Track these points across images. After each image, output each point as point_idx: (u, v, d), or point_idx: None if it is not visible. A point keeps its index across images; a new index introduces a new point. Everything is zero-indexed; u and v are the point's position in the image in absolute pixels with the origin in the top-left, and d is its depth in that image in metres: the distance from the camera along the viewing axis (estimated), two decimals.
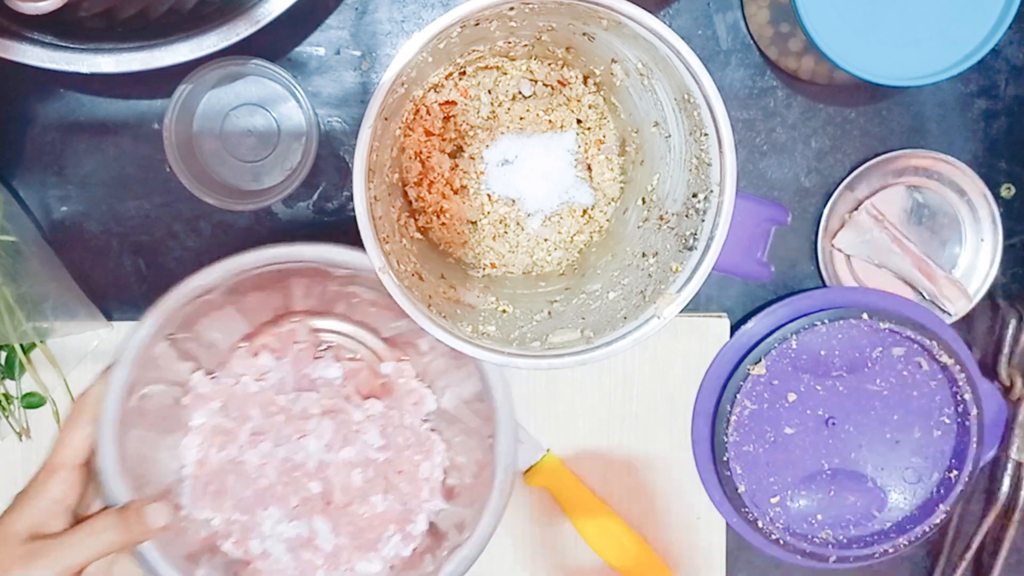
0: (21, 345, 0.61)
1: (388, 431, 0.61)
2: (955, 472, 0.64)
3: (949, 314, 0.65)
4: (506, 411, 0.56)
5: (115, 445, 0.53)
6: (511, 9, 0.51)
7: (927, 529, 0.64)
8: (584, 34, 0.55)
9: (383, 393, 0.62)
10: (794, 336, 0.61)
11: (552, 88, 0.61)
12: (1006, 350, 0.65)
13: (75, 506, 0.52)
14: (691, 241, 0.55)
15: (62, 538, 0.50)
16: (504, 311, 0.57)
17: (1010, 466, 0.65)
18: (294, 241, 0.53)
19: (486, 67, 0.60)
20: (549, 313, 0.58)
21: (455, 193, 0.59)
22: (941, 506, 0.64)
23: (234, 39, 0.53)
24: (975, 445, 0.63)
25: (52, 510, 0.51)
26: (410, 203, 0.60)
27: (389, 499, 0.60)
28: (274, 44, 0.61)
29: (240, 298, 0.57)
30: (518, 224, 0.61)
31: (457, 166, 0.60)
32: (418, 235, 0.59)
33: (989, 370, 0.66)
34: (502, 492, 0.56)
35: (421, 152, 0.59)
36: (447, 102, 0.59)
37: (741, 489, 0.62)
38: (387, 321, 0.61)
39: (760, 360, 0.61)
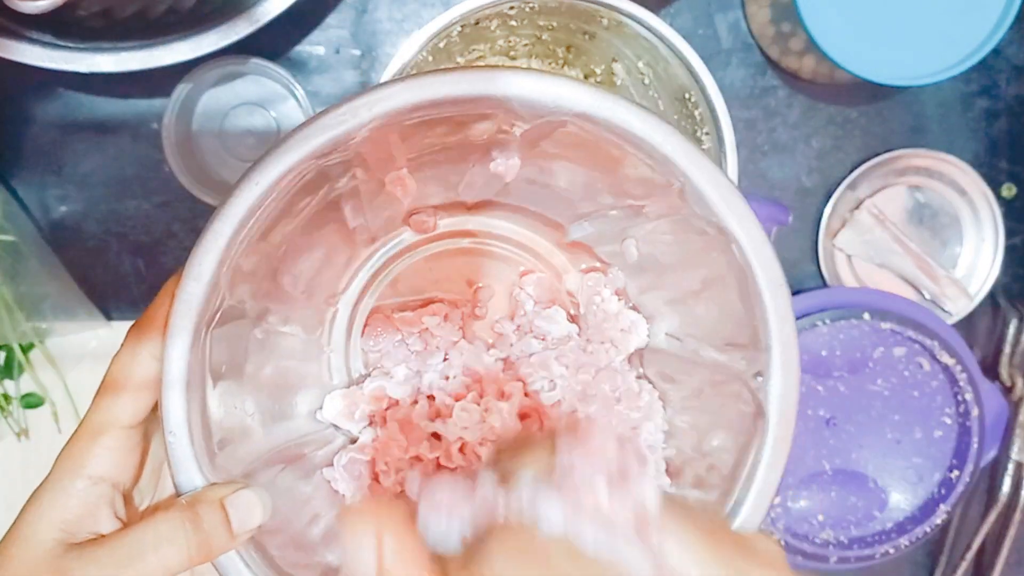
0: (20, 345, 0.61)
1: (587, 372, 0.44)
2: (956, 472, 0.64)
3: (950, 314, 0.65)
4: (788, 335, 0.36)
5: (191, 393, 0.34)
6: (511, 8, 0.51)
7: (928, 529, 0.64)
8: (585, 33, 0.55)
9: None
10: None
11: None
12: (1007, 350, 0.65)
13: (129, 490, 0.35)
14: None
15: (110, 547, 0.32)
16: None
17: (1011, 466, 0.65)
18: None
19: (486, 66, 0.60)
20: None
21: None
22: (942, 506, 0.64)
23: (233, 38, 0.53)
24: (976, 445, 0.63)
25: (92, 500, 0.33)
26: None
27: None
28: (273, 43, 0.60)
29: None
30: None
31: None
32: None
33: (990, 370, 0.66)
34: (776, 463, 0.37)
35: None
36: None
37: None
38: (579, 205, 0.43)
39: None
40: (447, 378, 0.46)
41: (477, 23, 0.52)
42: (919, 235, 0.65)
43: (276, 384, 0.42)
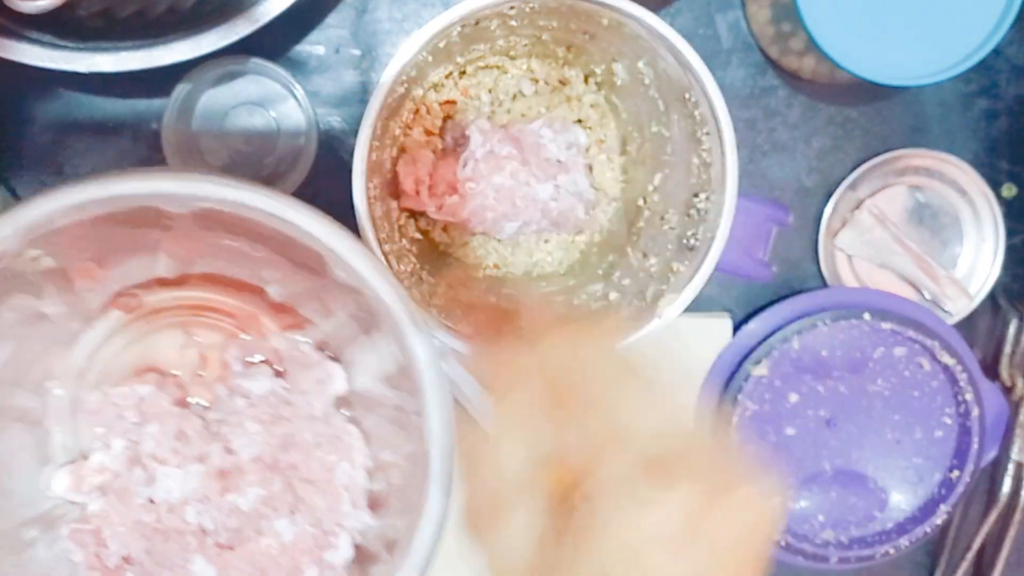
0: None
1: (287, 424, 0.49)
2: (956, 472, 0.63)
3: (950, 314, 0.65)
4: (435, 379, 0.42)
5: None
6: (511, 8, 0.51)
7: (928, 529, 0.64)
8: (585, 33, 0.55)
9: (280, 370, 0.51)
10: (795, 336, 0.61)
11: (553, 87, 0.61)
12: (1007, 350, 0.65)
13: None
14: (692, 241, 0.54)
15: None
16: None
17: (1011, 466, 0.65)
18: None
19: (486, 66, 0.60)
20: None
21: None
22: (942, 506, 0.64)
23: (233, 38, 0.52)
24: (976, 445, 0.63)
25: None
26: None
27: (298, 521, 0.48)
28: (273, 43, 0.60)
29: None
30: None
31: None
32: (418, 235, 0.59)
33: (990, 370, 0.66)
34: (441, 489, 0.41)
35: (422, 152, 0.59)
36: (447, 101, 0.59)
37: None
38: (279, 278, 0.49)
39: (761, 361, 0.61)
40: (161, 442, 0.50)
41: (477, 23, 0.52)
42: (919, 235, 0.65)
43: None
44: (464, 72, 0.59)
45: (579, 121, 0.60)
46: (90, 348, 0.51)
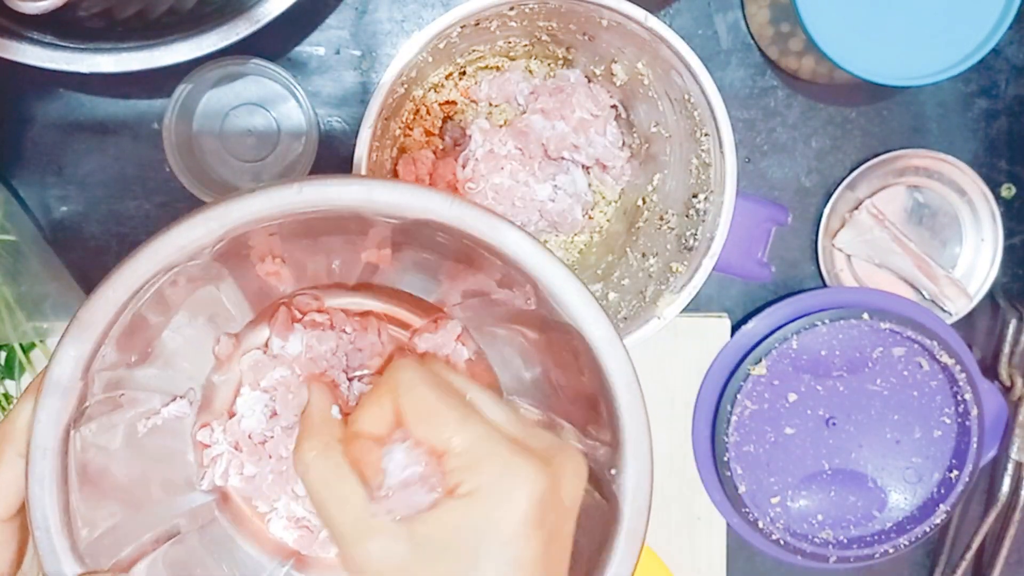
0: (21, 345, 0.61)
1: None
2: (955, 472, 0.64)
3: (949, 314, 0.65)
4: (639, 433, 0.40)
5: (56, 487, 0.36)
6: (511, 9, 0.51)
7: (927, 529, 0.64)
8: (584, 34, 0.55)
9: None
10: (795, 336, 0.61)
11: None
12: (1006, 350, 0.65)
13: None
14: (691, 241, 0.55)
15: None
16: None
17: (1010, 466, 0.65)
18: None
19: (486, 67, 0.60)
20: None
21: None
22: (941, 506, 0.64)
23: (234, 39, 0.53)
24: (975, 445, 0.63)
25: None
26: None
27: None
28: (274, 44, 0.60)
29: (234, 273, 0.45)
30: None
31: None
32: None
33: (989, 370, 0.66)
34: (629, 554, 0.39)
35: (422, 152, 0.59)
36: (447, 102, 0.59)
37: (741, 489, 0.62)
38: (434, 277, 0.48)
39: (760, 360, 0.61)
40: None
41: (477, 24, 0.52)
42: (918, 235, 0.65)
43: (140, 476, 0.45)
44: (464, 73, 0.59)
45: None
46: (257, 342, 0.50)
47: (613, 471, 0.40)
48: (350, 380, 0.49)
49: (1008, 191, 0.66)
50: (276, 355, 0.49)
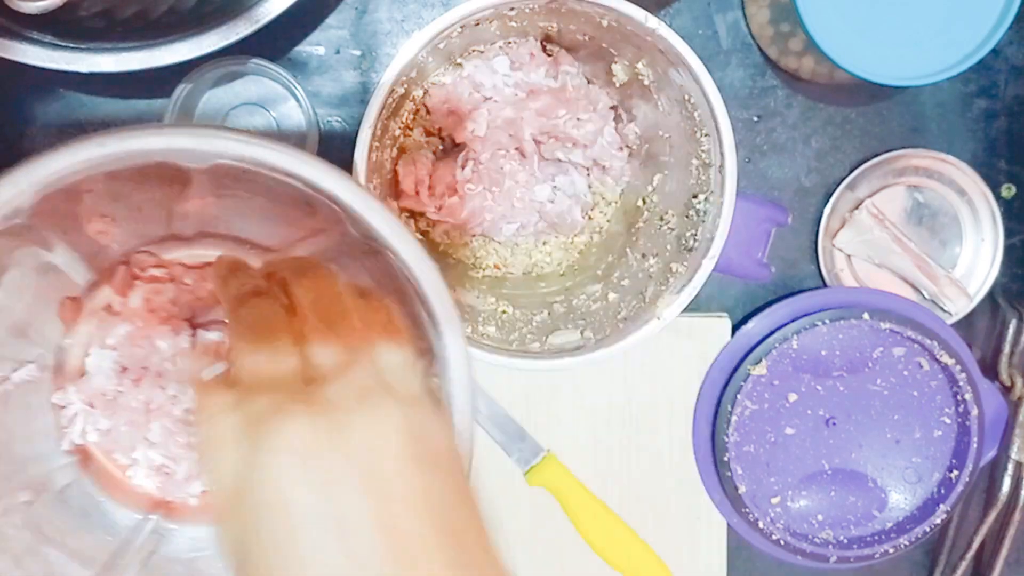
0: None
1: None
2: (955, 472, 0.64)
3: (949, 314, 0.65)
4: (457, 337, 0.42)
5: None
6: (511, 9, 0.51)
7: (927, 529, 0.64)
8: (584, 34, 0.55)
9: None
10: (795, 336, 0.61)
11: None
12: (1006, 350, 0.65)
13: None
14: (691, 242, 0.55)
15: None
16: (504, 312, 0.57)
17: (1010, 466, 0.65)
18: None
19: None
20: (549, 314, 0.58)
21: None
22: (941, 506, 0.64)
23: (233, 38, 0.53)
24: (975, 445, 0.63)
25: None
26: None
27: None
28: (274, 44, 0.60)
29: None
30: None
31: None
32: (418, 236, 0.59)
33: (989, 370, 0.66)
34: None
35: (421, 152, 0.59)
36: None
37: (741, 489, 0.62)
38: (295, 238, 0.51)
39: (761, 360, 0.61)
40: None
41: (477, 24, 0.52)
42: (918, 235, 0.65)
43: None
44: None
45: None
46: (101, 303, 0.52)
47: (435, 378, 0.42)
48: (195, 328, 0.52)
49: (1008, 191, 0.66)
50: (118, 312, 0.51)
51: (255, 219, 0.50)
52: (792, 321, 0.61)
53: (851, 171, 0.64)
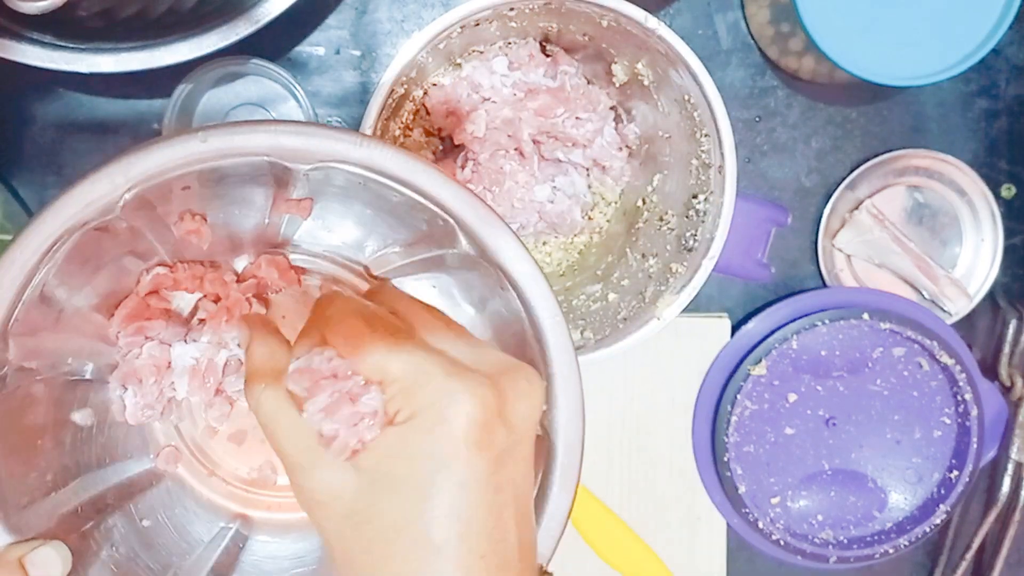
0: None
1: None
2: (955, 472, 0.64)
3: (949, 314, 0.65)
4: (566, 359, 0.40)
5: None
6: (511, 9, 0.51)
7: (928, 529, 0.64)
8: (584, 34, 0.55)
9: None
10: (795, 336, 0.61)
11: None
12: (1006, 350, 0.65)
13: None
14: (691, 242, 0.55)
15: None
16: None
17: (1010, 466, 0.65)
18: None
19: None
20: None
21: None
22: (942, 506, 0.64)
23: (233, 39, 0.53)
24: (975, 445, 0.63)
25: None
26: None
27: None
28: (274, 44, 0.60)
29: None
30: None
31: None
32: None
33: (989, 370, 0.66)
34: (564, 490, 0.41)
35: (421, 152, 0.59)
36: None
37: (741, 490, 0.62)
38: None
39: (760, 360, 0.61)
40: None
41: (477, 24, 0.52)
42: (918, 235, 0.65)
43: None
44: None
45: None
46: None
47: (544, 407, 0.40)
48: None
49: (1008, 191, 0.66)
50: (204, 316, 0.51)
51: (355, 223, 0.48)
52: (792, 321, 0.61)
53: (851, 171, 0.64)
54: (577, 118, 0.57)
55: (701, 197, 0.54)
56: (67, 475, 0.44)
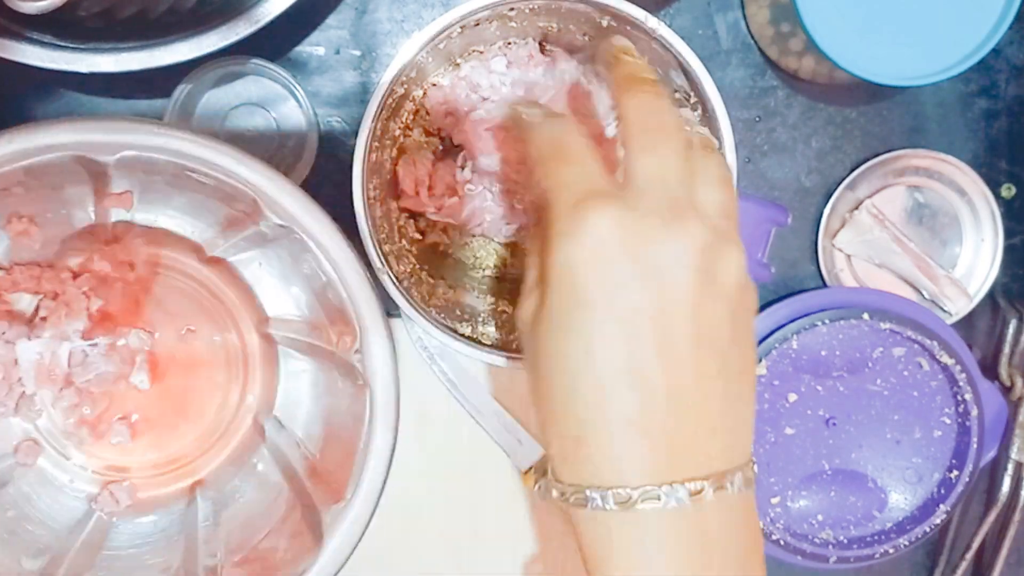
0: None
1: None
2: (955, 472, 0.64)
3: (950, 314, 0.65)
4: (372, 307, 0.46)
5: None
6: (511, 9, 0.51)
7: (928, 529, 0.64)
8: (585, 35, 0.55)
9: None
10: (794, 336, 0.61)
11: None
12: (1007, 350, 0.65)
13: None
14: None
15: None
16: (504, 312, 0.57)
17: (1010, 466, 0.65)
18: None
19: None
20: None
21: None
22: (942, 506, 0.64)
23: (233, 39, 0.53)
24: (975, 445, 0.63)
25: None
26: None
27: None
28: (274, 44, 0.60)
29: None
30: None
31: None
32: (418, 236, 0.59)
33: (989, 370, 0.66)
34: (387, 426, 0.47)
35: (421, 152, 0.59)
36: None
37: None
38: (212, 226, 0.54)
39: (760, 360, 0.61)
40: None
41: (477, 24, 0.52)
42: (919, 235, 0.65)
43: None
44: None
45: None
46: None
47: (358, 354, 0.46)
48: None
49: (1008, 191, 0.66)
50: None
51: (180, 211, 0.53)
52: (792, 321, 0.61)
53: (851, 171, 0.64)
54: (580, 113, 0.57)
55: None
56: None
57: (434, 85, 0.58)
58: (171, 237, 0.54)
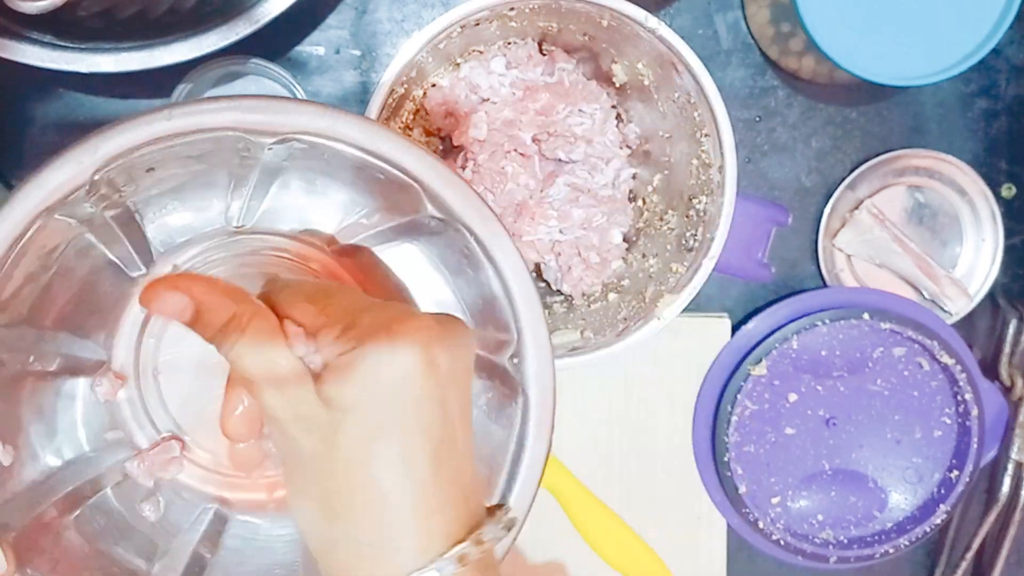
0: None
1: None
2: (956, 472, 0.64)
3: (950, 314, 0.65)
4: (534, 312, 0.41)
5: None
6: (511, 9, 0.51)
7: (928, 529, 0.64)
8: (585, 35, 0.55)
9: None
10: (795, 336, 0.61)
11: None
12: (1007, 350, 0.65)
13: None
14: (691, 242, 0.55)
15: None
16: None
17: (1010, 466, 0.65)
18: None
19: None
20: (549, 314, 0.58)
21: None
22: (942, 506, 0.64)
23: (233, 38, 0.53)
24: (976, 445, 0.63)
25: None
26: None
27: None
28: (273, 44, 0.60)
29: None
30: None
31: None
32: None
33: (990, 370, 0.66)
34: (540, 440, 0.43)
35: None
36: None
37: (742, 490, 0.62)
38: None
39: (761, 360, 0.61)
40: None
41: (477, 24, 0.52)
42: (919, 235, 0.65)
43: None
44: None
45: None
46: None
47: (516, 359, 0.42)
48: None
49: (1008, 191, 0.66)
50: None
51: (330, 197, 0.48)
52: (792, 321, 0.61)
53: (851, 171, 0.64)
54: (580, 111, 0.57)
55: (701, 197, 0.54)
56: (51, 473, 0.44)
57: (434, 86, 0.58)
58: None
